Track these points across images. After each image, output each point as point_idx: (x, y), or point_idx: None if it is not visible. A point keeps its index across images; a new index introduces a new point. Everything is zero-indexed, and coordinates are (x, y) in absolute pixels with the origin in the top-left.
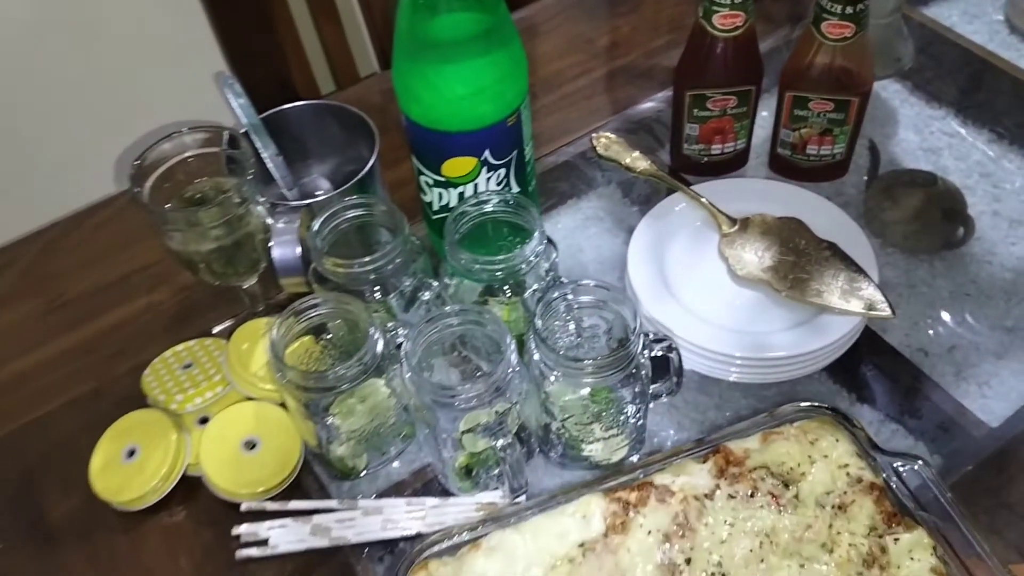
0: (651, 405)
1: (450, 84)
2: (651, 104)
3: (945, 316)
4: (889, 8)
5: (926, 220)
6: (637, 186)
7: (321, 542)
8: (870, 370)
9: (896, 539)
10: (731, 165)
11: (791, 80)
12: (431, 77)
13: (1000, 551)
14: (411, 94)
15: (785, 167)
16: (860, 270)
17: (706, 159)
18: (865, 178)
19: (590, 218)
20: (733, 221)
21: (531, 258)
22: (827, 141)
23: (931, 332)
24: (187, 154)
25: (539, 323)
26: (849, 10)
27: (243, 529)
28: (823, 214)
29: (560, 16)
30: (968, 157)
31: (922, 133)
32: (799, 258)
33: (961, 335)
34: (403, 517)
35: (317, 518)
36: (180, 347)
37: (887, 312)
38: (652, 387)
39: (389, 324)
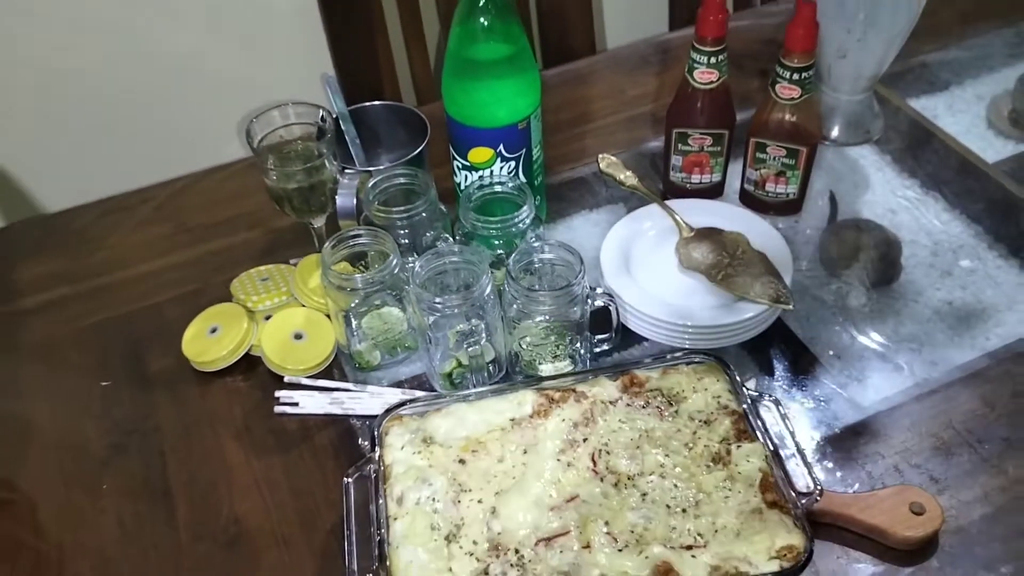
0: (596, 350)
1: (478, 92)
2: (657, 143)
3: (864, 334)
4: (862, 88)
5: (864, 258)
6: (632, 200)
7: (335, 410)
8: (778, 355)
9: (739, 446)
10: (708, 194)
11: (755, 129)
12: (466, 86)
13: (832, 484)
14: (451, 97)
15: (751, 200)
16: (778, 275)
17: (688, 186)
18: (826, 222)
19: (594, 222)
20: (692, 229)
21: (519, 224)
22: (782, 181)
23: (848, 344)
24: (290, 121)
25: (511, 264)
26: (796, 76)
27: (282, 393)
28: (765, 234)
29: (605, 69)
30: (920, 219)
31: (886, 195)
32: (733, 260)
33: (874, 350)
34: (396, 401)
35: (336, 394)
36: (263, 267)
37: (789, 305)
38: (596, 337)
39: (409, 259)
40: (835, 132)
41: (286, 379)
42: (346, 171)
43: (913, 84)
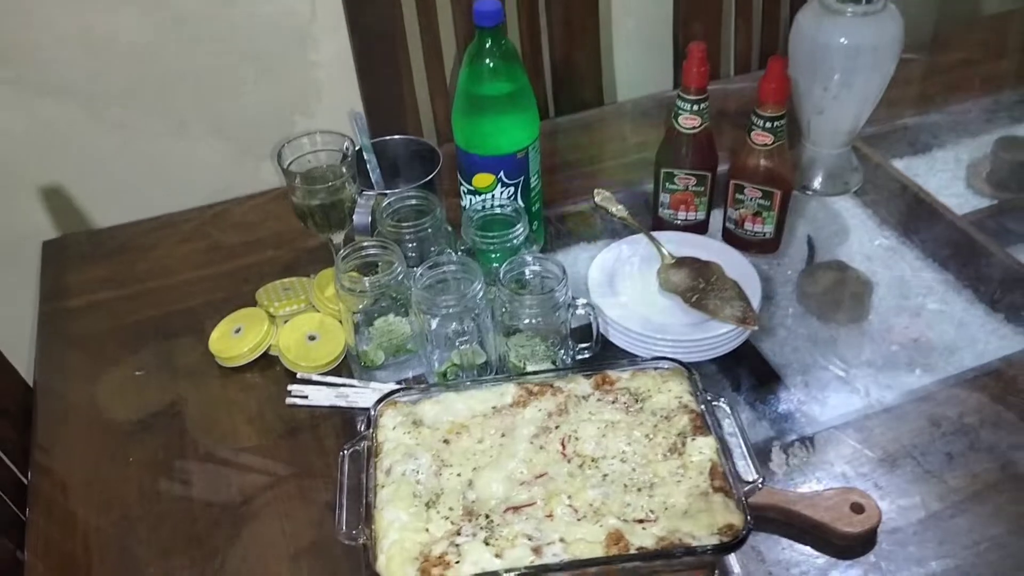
0: (577, 357)
1: (482, 124)
2: (652, 185)
3: (830, 362)
4: (840, 143)
5: (834, 296)
6: (626, 234)
7: (341, 403)
8: (748, 374)
9: (694, 439)
10: (694, 230)
11: (735, 172)
12: (472, 118)
13: (782, 485)
14: (459, 128)
15: (732, 238)
16: (747, 300)
17: (676, 222)
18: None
19: (590, 252)
20: (673, 257)
21: (514, 241)
22: (758, 221)
23: (814, 369)
24: (317, 147)
25: (502, 273)
26: (768, 125)
27: (294, 387)
28: (740, 266)
29: (611, 119)
30: (895, 266)
31: (863, 242)
32: (708, 285)
33: (837, 375)
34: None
35: (342, 389)
36: (286, 279)
37: (754, 326)
38: (580, 345)
39: (413, 268)
40: (816, 183)
41: (298, 375)
42: (364, 192)
43: (896, 145)
